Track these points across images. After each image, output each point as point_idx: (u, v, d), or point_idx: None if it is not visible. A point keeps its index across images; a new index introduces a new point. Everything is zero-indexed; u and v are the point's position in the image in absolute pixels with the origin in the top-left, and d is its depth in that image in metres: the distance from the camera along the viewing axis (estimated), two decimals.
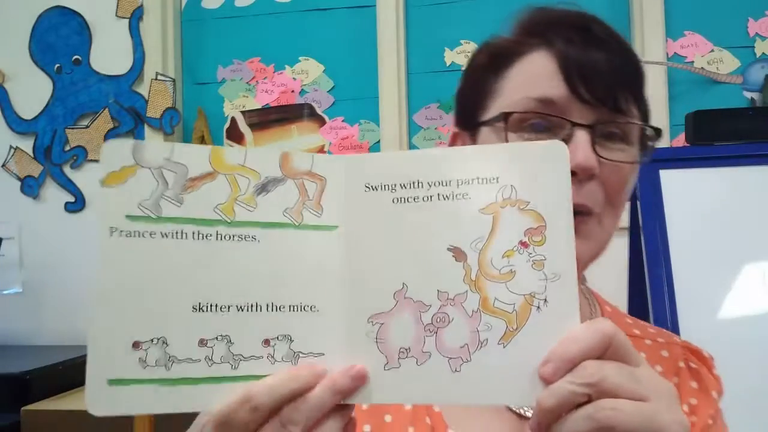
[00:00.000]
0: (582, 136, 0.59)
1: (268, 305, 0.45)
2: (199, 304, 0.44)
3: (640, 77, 0.64)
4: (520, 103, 0.61)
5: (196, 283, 0.44)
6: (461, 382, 0.44)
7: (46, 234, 2.03)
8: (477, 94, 0.67)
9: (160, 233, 0.44)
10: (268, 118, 1.97)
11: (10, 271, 2.03)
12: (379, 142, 1.89)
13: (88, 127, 2.02)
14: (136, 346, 0.42)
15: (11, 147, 2.06)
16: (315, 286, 0.45)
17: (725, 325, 1.17)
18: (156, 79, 1.97)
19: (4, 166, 2.06)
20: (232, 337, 0.44)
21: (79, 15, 2.03)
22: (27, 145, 2.06)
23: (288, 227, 0.45)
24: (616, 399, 0.41)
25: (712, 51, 1.74)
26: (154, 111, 1.97)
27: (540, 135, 0.60)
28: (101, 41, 2.04)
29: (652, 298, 1.17)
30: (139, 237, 0.43)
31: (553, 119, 0.60)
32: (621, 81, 0.61)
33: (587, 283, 0.75)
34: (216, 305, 0.44)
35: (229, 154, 0.45)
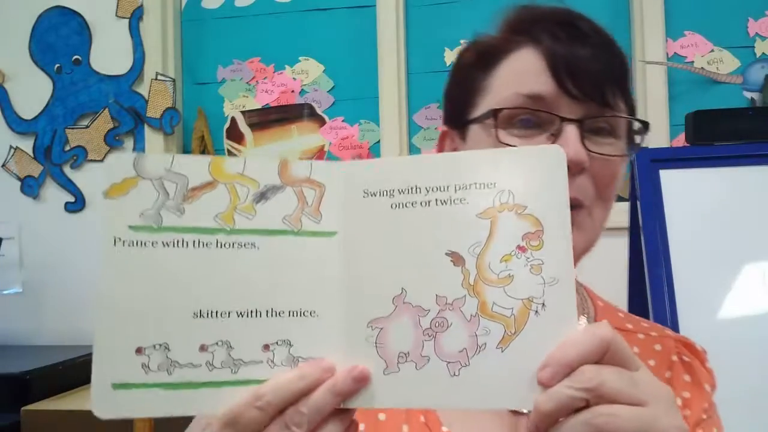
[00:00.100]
0: (571, 131, 0.60)
1: (268, 311, 0.45)
2: (200, 311, 0.44)
3: (626, 72, 0.66)
4: (509, 100, 0.62)
5: (197, 290, 0.45)
6: (460, 387, 0.44)
7: (46, 234, 2.04)
8: (465, 92, 0.68)
9: (162, 242, 0.45)
10: (268, 118, 1.97)
11: (10, 271, 2.03)
12: (379, 142, 1.89)
13: (88, 127, 2.02)
14: (139, 351, 0.43)
15: (11, 147, 2.06)
16: (314, 292, 0.46)
17: (725, 325, 1.17)
18: (156, 79, 1.97)
19: (4, 166, 2.06)
20: (232, 343, 0.44)
21: (79, 15, 2.03)
22: (27, 145, 2.06)
23: (287, 234, 0.46)
24: (613, 404, 0.41)
25: (712, 51, 1.74)
26: (154, 111, 1.97)
27: (529, 131, 0.62)
28: (101, 41, 2.04)
29: (652, 298, 1.17)
30: (141, 246, 0.44)
31: (543, 115, 0.61)
32: (607, 76, 0.62)
33: (578, 277, 0.75)
34: (216, 311, 0.45)
35: (228, 164, 0.46)
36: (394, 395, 0.45)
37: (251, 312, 0.45)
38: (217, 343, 0.44)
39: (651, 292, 1.17)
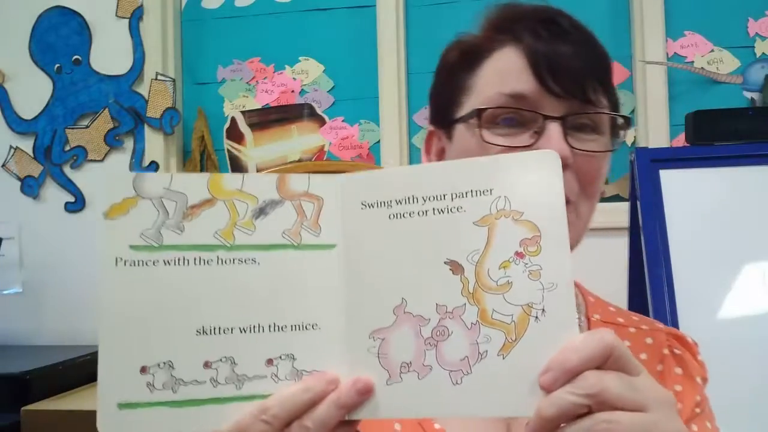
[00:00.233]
0: (554, 129, 0.61)
1: (270, 325, 0.46)
2: (203, 328, 0.45)
3: (607, 67, 0.66)
4: (492, 99, 0.63)
5: (199, 307, 0.45)
6: (462, 395, 0.44)
7: (46, 234, 2.03)
8: (450, 92, 0.68)
9: (163, 261, 0.45)
10: (268, 118, 1.97)
11: (10, 271, 2.03)
12: (379, 142, 1.89)
13: (88, 127, 2.02)
14: (144, 370, 0.44)
15: (11, 147, 2.06)
16: (316, 305, 0.46)
17: (725, 325, 1.17)
18: (156, 79, 1.97)
19: (4, 166, 2.06)
20: (235, 358, 0.45)
21: (79, 15, 2.03)
22: (27, 145, 2.06)
23: (287, 248, 0.47)
24: (614, 411, 0.41)
25: (712, 51, 1.74)
26: (154, 111, 1.97)
27: (513, 129, 0.63)
28: (101, 41, 2.04)
29: (652, 298, 1.17)
30: (142, 266, 0.45)
31: (525, 113, 0.62)
32: (589, 72, 0.63)
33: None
34: (219, 328, 0.45)
35: (226, 181, 0.47)
36: (397, 405, 0.45)
37: (254, 327, 0.45)
38: (220, 359, 0.45)
39: (651, 292, 1.17)
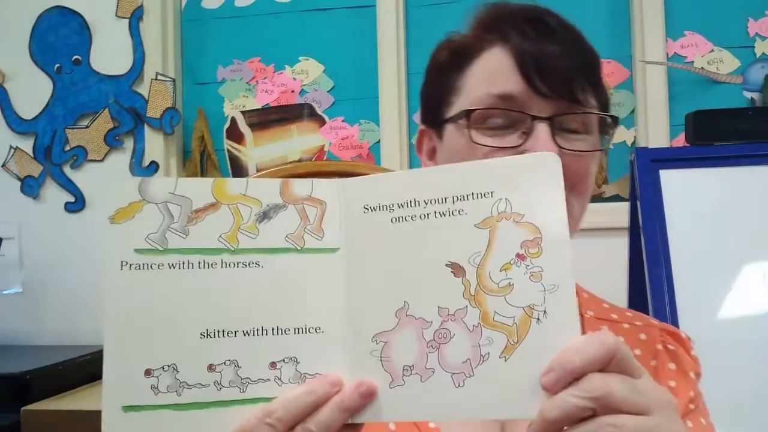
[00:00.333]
0: (542, 129, 0.61)
1: (274, 329, 0.46)
2: (207, 331, 0.45)
3: (596, 66, 0.67)
4: (480, 100, 0.64)
5: (204, 311, 0.46)
6: (465, 397, 0.44)
7: (46, 234, 2.03)
8: (440, 92, 0.69)
9: (168, 264, 0.46)
10: (268, 118, 1.97)
11: (10, 271, 2.03)
12: (379, 142, 1.89)
13: (88, 127, 2.02)
14: (148, 373, 0.44)
15: (11, 147, 2.06)
16: (319, 308, 0.46)
17: (725, 325, 1.17)
18: (156, 79, 1.97)
19: (4, 166, 2.06)
20: (239, 362, 0.45)
21: (79, 15, 2.03)
22: (27, 145, 2.06)
23: (290, 252, 0.47)
24: (618, 415, 0.41)
25: (712, 51, 1.74)
26: (154, 111, 1.97)
27: (501, 130, 0.63)
28: (101, 41, 2.03)
29: (652, 298, 1.17)
30: (147, 269, 0.45)
31: (514, 114, 0.62)
32: (577, 72, 0.63)
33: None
34: (223, 331, 0.45)
35: (230, 185, 0.47)
36: (400, 408, 0.45)
37: (257, 330, 0.46)
38: (224, 362, 0.45)
39: (651, 292, 1.17)
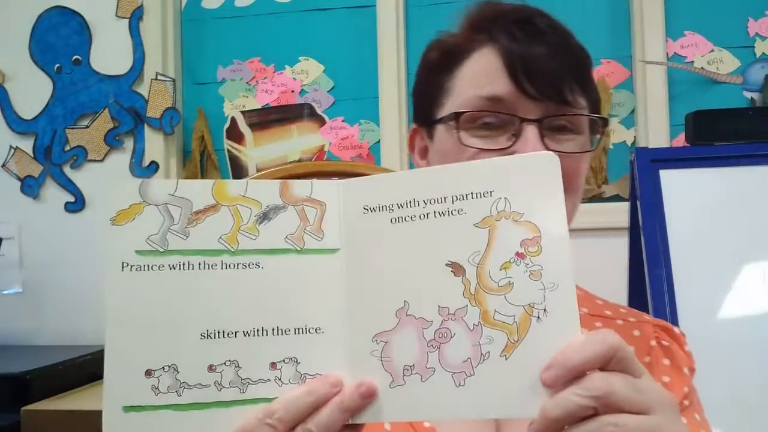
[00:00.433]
0: (531, 131, 0.62)
1: (274, 329, 0.46)
2: (207, 332, 0.45)
3: (586, 67, 0.66)
4: (469, 102, 0.64)
5: (204, 311, 0.46)
6: (466, 396, 0.44)
7: (46, 234, 2.03)
8: (431, 92, 0.69)
9: (168, 266, 0.46)
10: (268, 118, 1.97)
11: (10, 271, 2.03)
12: (379, 142, 1.89)
13: (88, 127, 2.02)
14: (149, 374, 0.44)
15: (11, 147, 2.06)
16: (319, 309, 0.47)
17: (725, 325, 1.17)
18: (156, 79, 1.97)
19: (4, 166, 2.06)
20: (240, 362, 0.45)
21: (79, 15, 2.03)
22: (27, 145, 2.06)
23: (290, 253, 0.47)
24: (619, 414, 0.41)
25: (712, 51, 1.74)
26: (154, 111, 1.97)
27: (490, 131, 0.63)
28: (101, 41, 2.03)
29: (652, 298, 1.17)
30: (148, 270, 0.46)
31: (502, 116, 0.63)
32: (565, 73, 0.63)
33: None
34: (223, 332, 0.46)
35: (230, 187, 0.48)
36: (401, 408, 0.45)
37: (257, 331, 0.46)
38: (225, 363, 0.45)
39: (651, 292, 1.17)
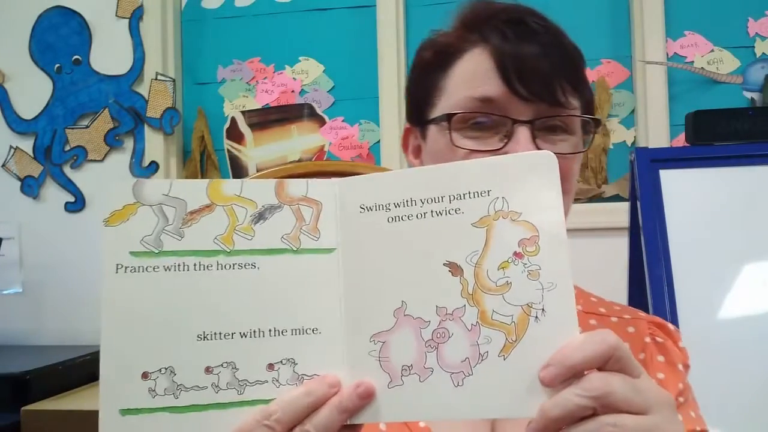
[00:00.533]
0: (523, 133, 0.61)
1: (271, 330, 0.46)
2: (204, 333, 0.45)
3: (578, 67, 0.66)
4: (461, 103, 0.64)
5: (200, 313, 0.45)
6: (464, 397, 0.44)
7: (46, 234, 2.03)
8: (424, 91, 0.69)
9: (163, 267, 0.45)
10: (268, 118, 1.97)
11: (10, 271, 2.03)
12: (379, 142, 1.89)
13: (88, 127, 2.02)
14: (145, 376, 0.44)
15: (11, 147, 2.06)
16: (316, 309, 0.46)
17: (725, 325, 1.17)
18: (156, 79, 1.97)
19: (4, 166, 2.06)
20: (237, 363, 0.45)
21: (79, 15, 2.03)
22: (27, 145, 2.06)
23: (286, 253, 0.47)
24: (618, 414, 0.41)
25: (712, 51, 1.74)
26: (154, 111, 1.97)
27: (483, 132, 0.63)
28: (101, 41, 2.03)
29: (652, 298, 1.17)
30: (143, 272, 0.45)
31: (494, 117, 0.63)
32: (557, 73, 0.63)
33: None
34: (220, 333, 0.45)
35: (225, 186, 0.47)
36: (399, 409, 0.45)
37: (254, 332, 0.46)
38: (222, 364, 0.45)
39: (651, 292, 1.17)
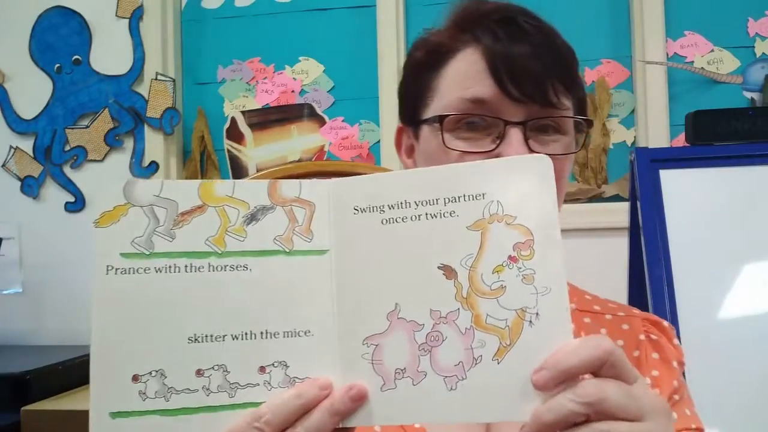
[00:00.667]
0: (515, 134, 0.61)
1: (263, 333, 0.45)
2: (195, 335, 0.45)
3: (570, 67, 0.66)
4: (453, 104, 0.64)
5: (191, 315, 0.45)
6: (457, 400, 0.44)
7: (46, 234, 2.03)
8: (417, 91, 0.69)
9: (154, 268, 0.45)
10: (268, 118, 1.97)
11: (10, 271, 2.03)
12: (379, 142, 1.89)
13: (88, 127, 2.02)
14: (136, 379, 0.44)
15: (11, 147, 2.06)
16: (308, 311, 0.46)
17: (725, 325, 1.17)
18: (156, 79, 1.97)
19: (4, 166, 2.06)
20: (228, 366, 0.45)
21: (79, 15, 2.03)
22: (27, 145, 2.06)
23: (279, 254, 0.46)
24: (611, 421, 0.41)
25: (712, 51, 1.74)
26: (154, 111, 1.97)
27: (475, 134, 0.63)
28: (101, 41, 2.03)
29: (652, 298, 1.17)
30: (134, 273, 0.45)
31: (486, 118, 0.63)
32: (549, 74, 0.63)
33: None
34: (211, 335, 0.45)
35: (217, 187, 0.47)
36: (392, 412, 0.44)
37: (246, 334, 0.45)
38: (213, 367, 0.44)
39: (651, 292, 1.17)
